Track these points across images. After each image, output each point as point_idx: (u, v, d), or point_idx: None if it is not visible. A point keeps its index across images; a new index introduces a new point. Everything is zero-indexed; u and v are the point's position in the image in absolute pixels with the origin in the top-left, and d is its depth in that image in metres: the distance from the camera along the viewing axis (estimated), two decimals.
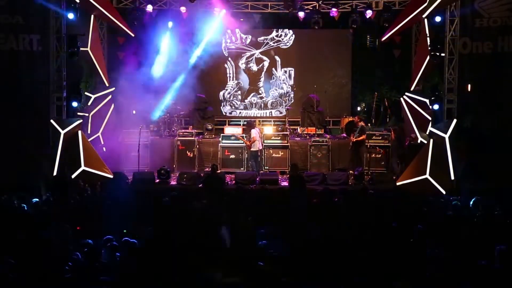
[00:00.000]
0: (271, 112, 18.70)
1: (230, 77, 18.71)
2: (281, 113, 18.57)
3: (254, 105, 18.72)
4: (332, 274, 7.03)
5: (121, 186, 13.43)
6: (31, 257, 7.43)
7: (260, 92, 18.72)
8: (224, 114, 18.62)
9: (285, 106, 18.48)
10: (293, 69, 18.67)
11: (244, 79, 18.68)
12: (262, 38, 18.57)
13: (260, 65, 18.70)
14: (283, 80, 18.71)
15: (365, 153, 15.43)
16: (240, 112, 18.76)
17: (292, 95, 18.65)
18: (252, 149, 15.22)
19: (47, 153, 13.09)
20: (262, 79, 18.69)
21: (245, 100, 18.73)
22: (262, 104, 18.72)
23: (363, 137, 15.29)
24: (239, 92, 18.72)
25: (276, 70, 18.70)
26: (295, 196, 12.31)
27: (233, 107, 18.73)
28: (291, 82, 18.71)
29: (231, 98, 18.73)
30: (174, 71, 17.34)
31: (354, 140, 15.27)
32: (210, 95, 18.24)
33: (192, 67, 17.43)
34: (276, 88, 18.74)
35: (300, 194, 12.45)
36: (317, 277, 7.05)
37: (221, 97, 18.69)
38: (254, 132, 15.23)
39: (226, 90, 18.72)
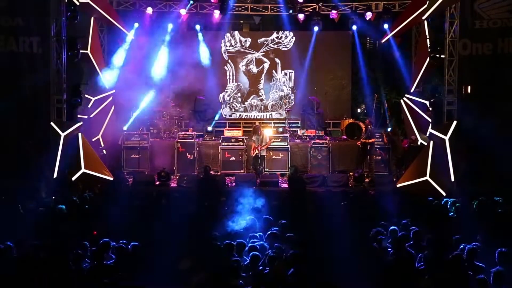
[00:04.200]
0: (271, 114, 18.70)
1: (230, 79, 18.72)
2: (281, 115, 18.57)
3: (254, 107, 18.72)
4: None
5: (121, 189, 13.45)
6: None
7: (260, 94, 18.72)
8: (224, 116, 18.58)
9: (286, 108, 18.41)
10: (293, 71, 18.63)
11: (244, 81, 18.69)
12: (262, 39, 18.60)
13: (260, 67, 18.70)
14: (283, 82, 18.71)
15: (367, 156, 15.44)
16: (240, 115, 18.76)
17: (292, 97, 18.64)
18: (263, 153, 15.16)
19: (47, 156, 13.07)
20: (262, 81, 18.71)
21: (245, 103, 18.73)
22: (262, 107, 18.72)
23: (373, 140, 15.29)
24: (239, 94, 18.72)
25: (276, 72, 18.71)
26: (295, 197, 12.33)
27: (233, 109, 18.72)
28: (291, 84, 18.70)
29: (231, 101, 18.70)
30: (176, 71, 17.39)
31: (363, 140, 15.19)
32: (210, 97, 18.24)
33: (192, 69, 17.47)
34: (276, 90, 18.74)
35: (299, 196, 12.48)
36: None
37: (220, 100, 18.67)
38: (267, 137, 15.27)
39: (226, 92, 18.72)
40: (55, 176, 12.79)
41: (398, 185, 13.59)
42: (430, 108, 14.40)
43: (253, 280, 6.94)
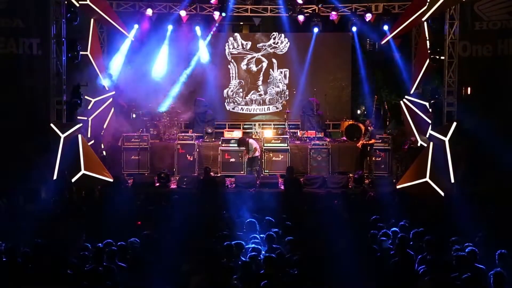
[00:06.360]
0: (269, 107, 19.14)
1: (232, 76, 19.12)
2: (277, 108, 18.97)
3: (253, 101, 19.24)
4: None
5: (121, 190, 13.45)
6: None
7: (259, 90, 19.18)
8: (227, 110, 19.13)
9: (281, 101, 18.86)
10: (288, 70, 19.06)
11: (245, 78, 19.24)
12: (261, 44, 18.96)
13: (259, 66, 19.04)
14: (279, 80, 19.12)
15: (367, 157, 15.44)
16: (241, 108, 19.16)
17: (287, 93, 19.03)
18: (255, 155, 15.21)
19: (47, 157, 13.07)
20: (261, 78, 19.09)
21: (246, 97, 19.17)
22: (261, 101, 19.18)
23: (373, 141, 15.30)
24: (241, 90, 19.17)
25: (273, 71, 19.07)
26: (291, 199, 12.35)
27: (236, 103, 19.20)
28: (286, 81, 19.11)
29: (234, 96, 19.13)
30: (175, 73, 17.41)
31: (365, 142, 15.22)
32: (210, 98, 18.33)
33: (192, 70, 17.54)
34: (273, 86, 19.08)
35: (296, 197, 12.49)
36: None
37: (225, 95, 19.13)
38: (255, 143, 15.28)
39: (230, 88, 19.11)
40: (55, 177, 12.78)
41: (398, 187, 13.58)
42: (430, 110, 14.39)
43: (251, 281, 6.93)
